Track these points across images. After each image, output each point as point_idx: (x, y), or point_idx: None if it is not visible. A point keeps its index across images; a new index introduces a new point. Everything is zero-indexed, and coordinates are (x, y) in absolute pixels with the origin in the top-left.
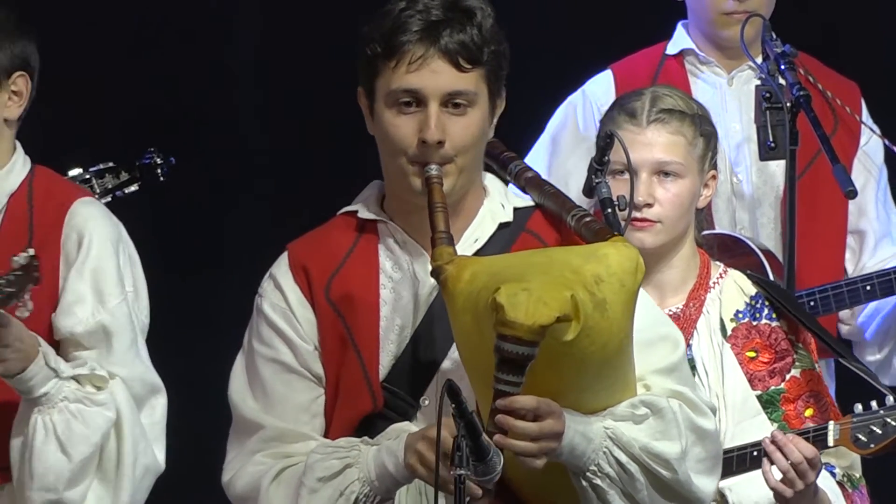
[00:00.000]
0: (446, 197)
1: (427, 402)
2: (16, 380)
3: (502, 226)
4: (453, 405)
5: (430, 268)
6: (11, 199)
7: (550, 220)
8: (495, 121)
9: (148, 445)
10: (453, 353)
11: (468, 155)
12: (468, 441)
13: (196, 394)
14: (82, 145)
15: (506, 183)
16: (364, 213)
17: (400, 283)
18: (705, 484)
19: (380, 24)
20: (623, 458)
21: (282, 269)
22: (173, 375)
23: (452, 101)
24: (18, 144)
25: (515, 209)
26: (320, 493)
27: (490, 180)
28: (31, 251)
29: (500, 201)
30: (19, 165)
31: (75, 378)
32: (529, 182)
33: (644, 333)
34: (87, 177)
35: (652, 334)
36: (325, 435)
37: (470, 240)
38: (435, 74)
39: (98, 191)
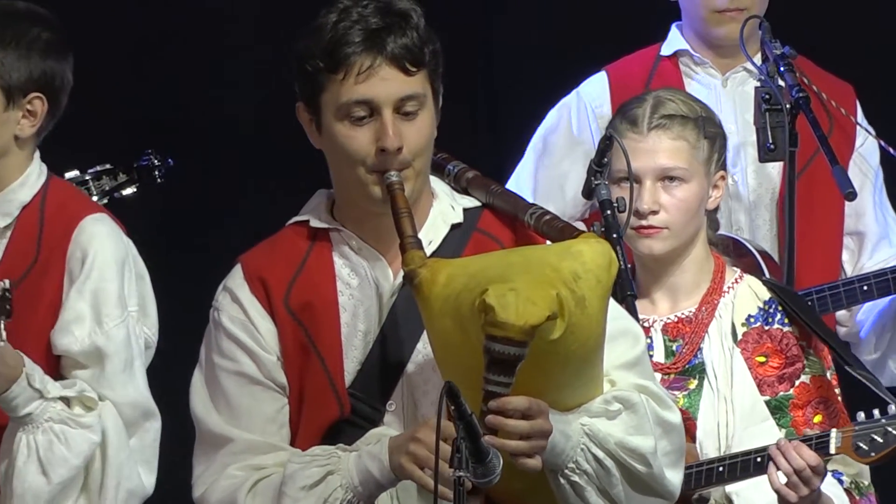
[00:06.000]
0: (408, 201)
1: (393, 407)
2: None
3: (454, 227)
4: (453, 407)
5: (388, 272)
6: (24, 211)
7: (502, 220)
8: (438, 119)
9: (133, 469)
10: (417, 356)
11: (423, 157)
12: (468, 443)
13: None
14: (79, 147)
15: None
16: (316, 223)
17: (358, 289)
18: (673, 476)
19: (318, 39)
20: (600, 454)
21: (237, 281)
22: (174, 390)
23: (404, 107)
24: (37, 158)
25: (465, 210)
26: (304, 502)
27: (435, 182)
28: (7, 283)
29: (449, 203)
30: (33, 178)
31: (64, 399)
32: (472, 182)
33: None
34: (85, 178)
35: (612, 329)
36: (292, 444)
37: (424, 242)
38: (385, 82)
39: (95, 193)
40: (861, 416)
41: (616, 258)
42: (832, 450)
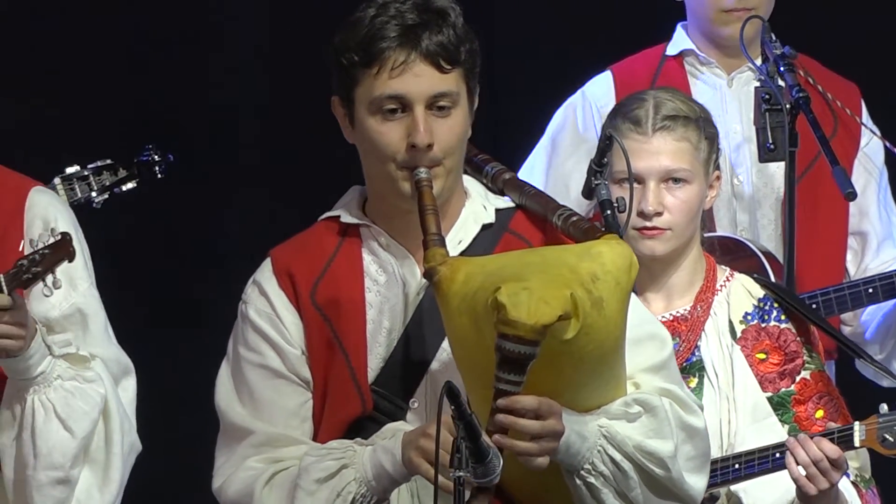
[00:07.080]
0: (436, 199)
1: (416, 404)
2: (17, 359)
3: (485, 227)
4: (453, 407)
5: (415, 270)
6: None
7: (533, 221)
8: (472, 119)
9: (131, 424)
10: (441, 354)
11: (455, 156)
12: (468, 443)
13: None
14: (80, 142)
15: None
16: (347, 218)
17: (385, 286)
18: (696, 482)
19: (354, 33)
20: (617, 456)
21: (266, 274)
22: (156, 373)
23: (437, 104)
24: None
25: (497, 210)
26: (317, 495)
27: (469, 182)
28: (62, 230)
29: (481, 203)
30: None
31: (65, 357)
32: (508, 183)
33: (632, 332)
34: (85, 174)
35: (640, 332)
36: (314, 439)
37: (454, 241)
38: (418, 78)
39: (96, 188)
40: (884, 407)
41: (637, 261)
42: (857, 443)
